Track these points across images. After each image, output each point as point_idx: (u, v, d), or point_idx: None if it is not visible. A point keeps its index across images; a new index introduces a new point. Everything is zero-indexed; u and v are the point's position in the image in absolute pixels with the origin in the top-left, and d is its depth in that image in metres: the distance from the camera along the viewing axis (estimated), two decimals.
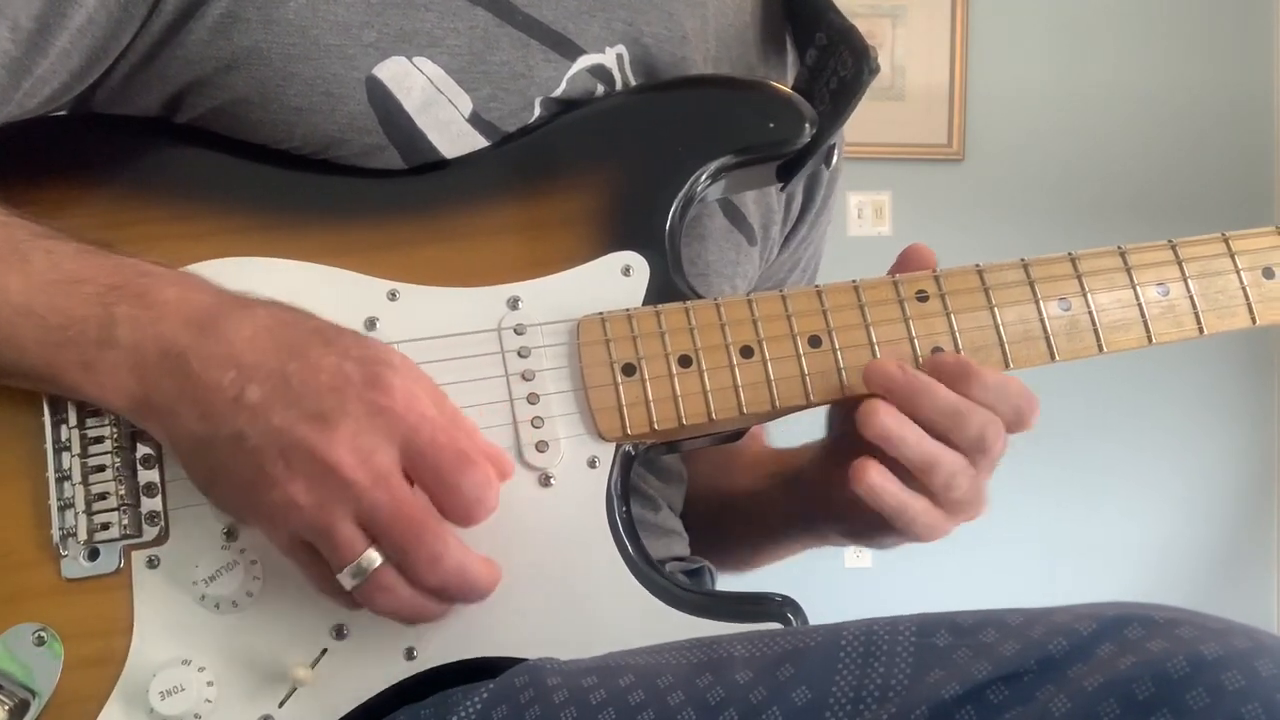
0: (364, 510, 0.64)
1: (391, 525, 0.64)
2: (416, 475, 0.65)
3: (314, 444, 0.64)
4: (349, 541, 0.64)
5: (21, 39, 0.71)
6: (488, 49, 0.78)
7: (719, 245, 0.89)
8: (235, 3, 0.73)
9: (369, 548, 0.64)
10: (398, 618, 0.67)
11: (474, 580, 0.67)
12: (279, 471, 0.64)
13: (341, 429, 0.64)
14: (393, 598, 0.65)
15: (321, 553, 0.65)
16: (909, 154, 3.37)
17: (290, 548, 0.66)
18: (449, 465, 0.65)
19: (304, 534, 0.65)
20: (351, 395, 0.65)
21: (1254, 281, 0.79)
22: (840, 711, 0.58)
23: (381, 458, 0.64)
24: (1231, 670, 0.51)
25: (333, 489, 0.63)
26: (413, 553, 0.64)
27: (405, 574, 0.65)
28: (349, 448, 0.64)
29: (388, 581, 0.65)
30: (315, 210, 0.76)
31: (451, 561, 0.65)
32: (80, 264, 0.69)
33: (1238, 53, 3.48)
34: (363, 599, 0.66)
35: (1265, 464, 3.51)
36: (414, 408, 0.65)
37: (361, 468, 0.64)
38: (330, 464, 0.63)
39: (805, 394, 0.75)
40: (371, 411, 0.64)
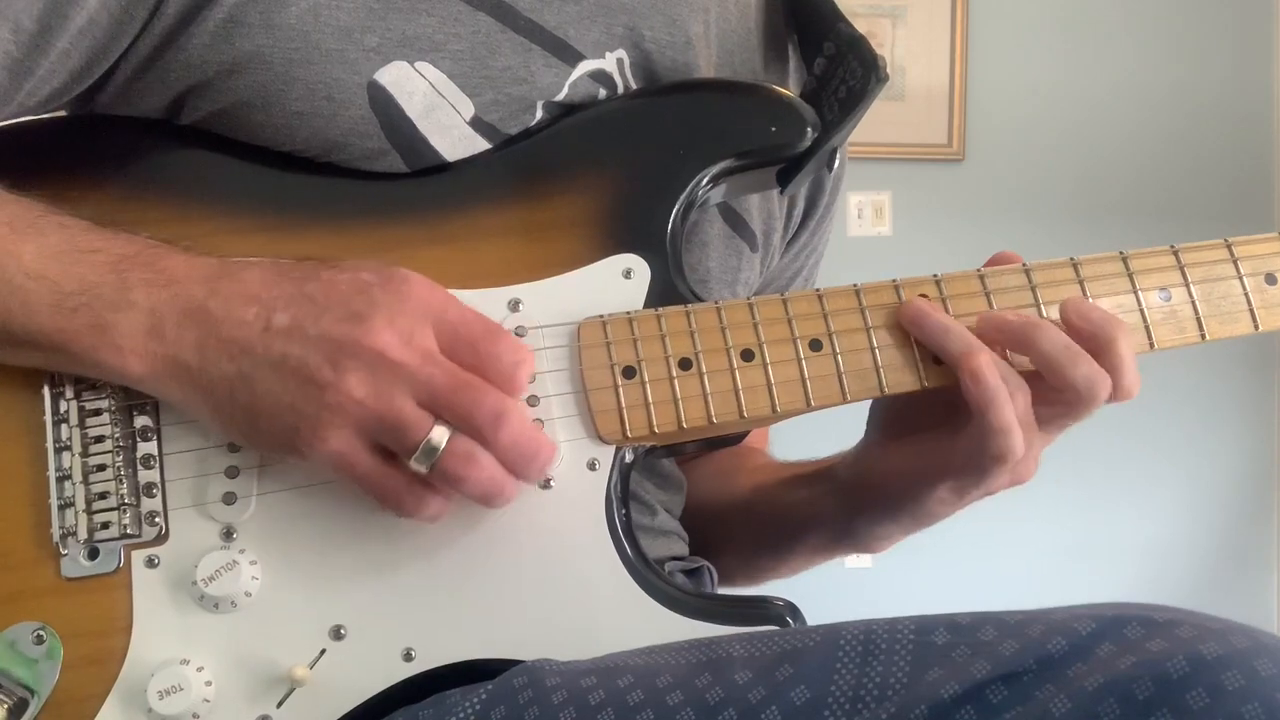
0: (420, 387, 0.65)
1: (451, 392, 0.65)
2: (454, 351, 0.67)
3: (356, 337, 0.65)
4: (416, 420, 0.65)
5: (23, 40, 0.71)
6: (489, 54, 0.78)
7: (720, 252, 0.89)
8: (237, 7, 0.73)
9: (435, 424, 0.65)
10: (479, 489, 0.67)
11: (539, 439, 0.68)
12: (328, 375, 0.65)
13: (377, 319, 0.65)
14: (472, 465, 0.66)
15: (389, 444, 0.66)
16: (909, 154, 3.37)
17: (350, 457, 0.66)
18: (483, 335, 0.67)
19: (367, 428, 0.65)
20: (375, 291, 0.66)
21: (1257, 287, 0.79)
22: (839, 710, 0.58)
23: (422, 337, 0.66)
24: (1231, 670, 0.51)
25: (386, 374, 0.65)
26: (478, 413, 0.65)
27: (476, 439, 0.66)
28: (390, 333, 0.65)
29: (464, 448, 0.66)
30: (317, 212, 0.76)
31: (515, 418, 0.66)
32: (92, 236, 0.69)
33: (1238, 53, 3.48)
34: (441, 477, 0.66)
35: (1265, 464, 3.51)
36: (435, 292, 0.68)
37: (407, 348, 0.65)
38: (377, 351, 0.65)
39: (805, 398, 0.75)
40: (398, 299, 0.66)
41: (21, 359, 0.71)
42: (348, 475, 0.67)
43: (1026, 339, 0.74)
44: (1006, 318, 0.75)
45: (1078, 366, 0.73)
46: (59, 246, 0.68)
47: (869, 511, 0.87)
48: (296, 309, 0.66)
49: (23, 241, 0.68)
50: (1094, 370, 0.73)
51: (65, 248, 0.68)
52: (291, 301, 0.67)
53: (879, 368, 0.75)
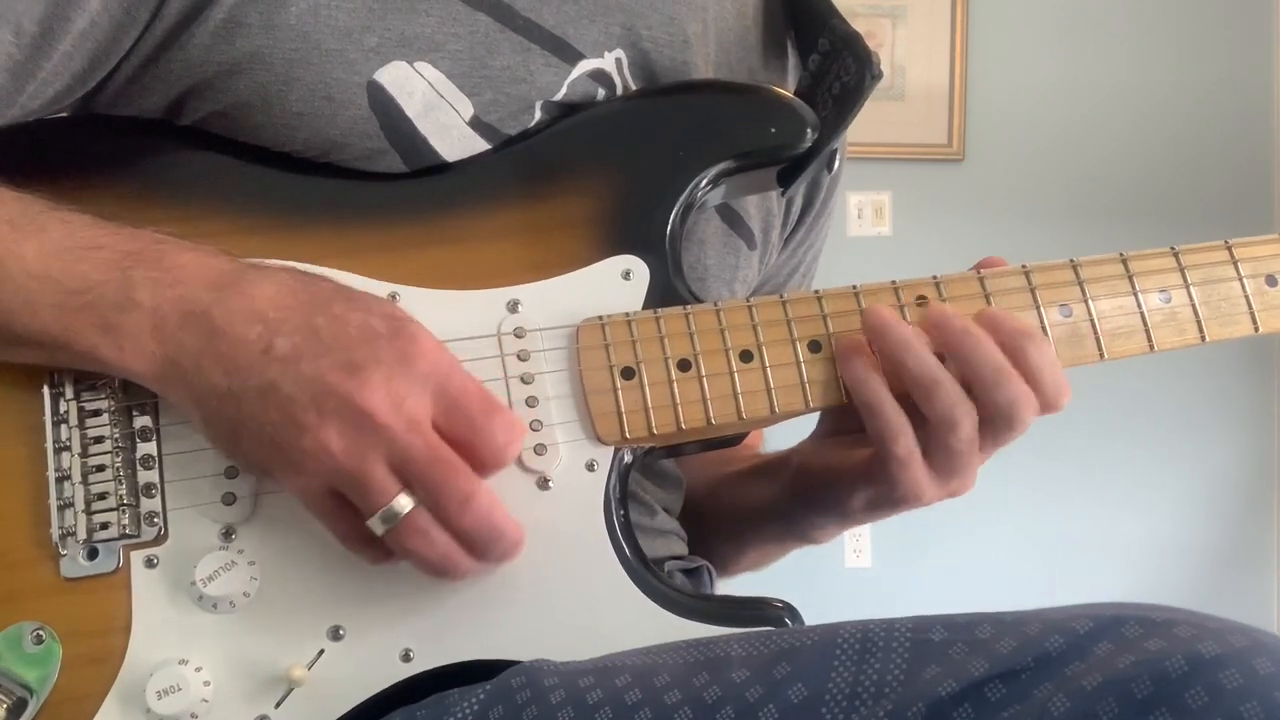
0: (397, 454, 0.64)
1: (425, 466, 0.65)
2: (448, 421, 0.66)
3: (348, 390, 0.64)
4: (382, 485, 0.65)
5: (25, 43, 0.71)
6: (488, 54, 0.78)
7: (717, 250, 0.89)
8: (237, 8, 0.73)
9: (401, 492, 0.65)
10: (428, 565, 0.67)
11: (503, 526, 0.67)
12: (310, 419, 0.64)
13: (374, 376, 0.64)
14: (425, 541, 0.66)
15: (352, 499, 0.65)
16: (909, 154, 3.37)
17: (318, 498, 0.66)
18: (480, 410, 0.67)
19: (335, 480, 0.65)
20: (382, 345, 0.66)
21: (1257, 289, 0.79)
22: (836, 708, 0.58)
23: (414, 404, 0.65)
24: (1230, 669, 0.51)
25: (366, 434, 0.64)
26: (446, 493, 0.65)
27: (437, 516, 0.66)
28: (383, 394, 0.64)
29: (421, 524, 0.65)
30: (316, 212, 0.76)
31: (482, 503, 0.66)
32: (96, 232, 0.69)
33: (1238, 53, 3.48)
34: (395, 544, 0.66)
35: (1265, 464, 3.51)
36: (442, 358, 0.67)
37: (395, 413, 0.64)
38: (365, 410, 0.64)
39: (804, 399, 0.75)
40: (402, 359, 0.65)
41: (24, 356, 0.71)
42: (317, 514, 0.67)
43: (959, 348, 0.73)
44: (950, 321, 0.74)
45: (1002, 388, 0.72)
46: (62, 244, 0.68)
47: (806, 502, 0.87)
48: (299, 340, 0.66)
49: (25, 239, 0.68)
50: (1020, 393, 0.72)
51: (68, 245, 0.68)
52: (296, 331, 0.66)
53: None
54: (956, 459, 0.74)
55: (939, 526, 0.89)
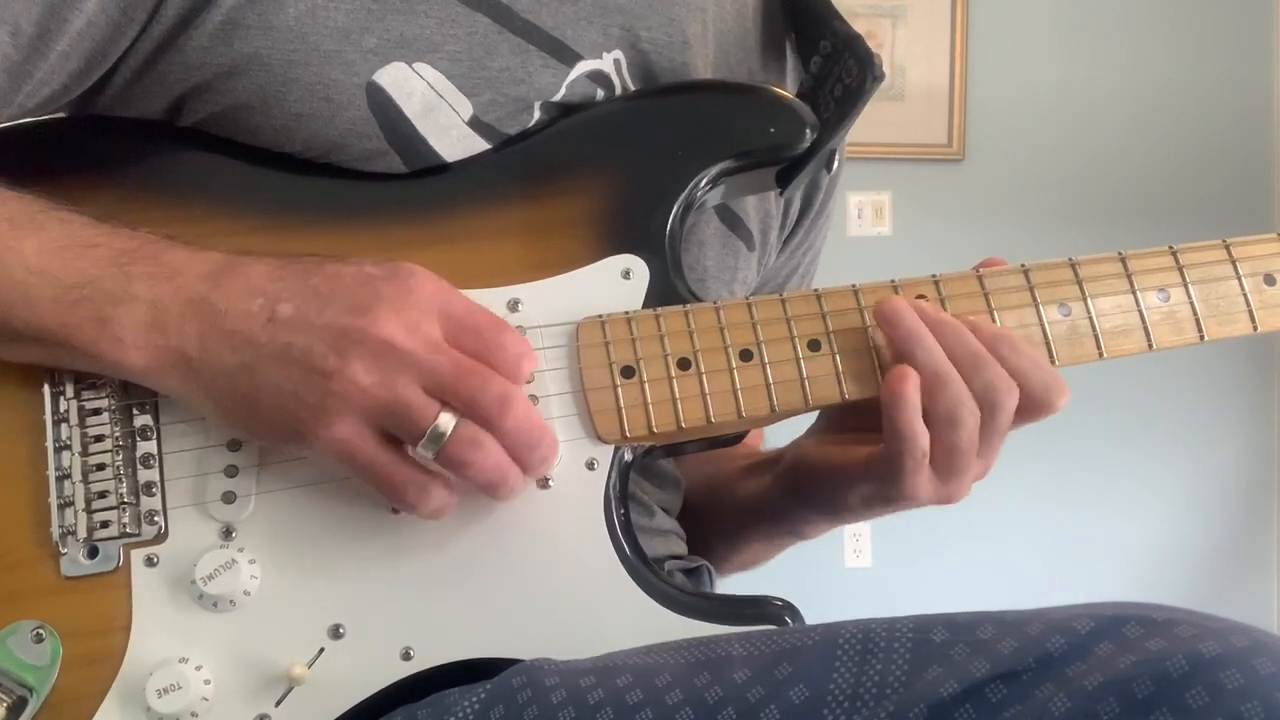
0: (426, 374, 0.65)
1: (457, 378, 0.65)
2: (459, 341, 0.67)
3: (361, 326, 0.65)
4: (422, 406, 0.65)
5: (22, 43, 0.71)
6: (487, 55, 0.78)
7: (716, 251, 0.90)
8: (236, 9, 0.73)
9: (441, 410, 0.65)
10: (483, 475, 0.67)
11: (542, 427, 0.68)
12: (333, 363, 0.65)
13: (382, 309, 0.66)
14: (478, 451, 0.66)
15: (394, 430, 0.66)
16: (909, 154, 3.37)
17: (354, 444, 0.66)
18: (487, 325, 0.68)
19: (373, 415, 0.65)
20: (379, 284, 0.67)
21: (1255, 288, 0.79)
22: (838, 709, 0.58)
23: (428, 328, 0.66)
24: (1230, 669, 0.51)
25: (392, 362, 0.65)
26: (484, 398, 0.66)
27: (481, 423, 0.66)
28: (396, 322, 0.65)
29: (470, 434, 0.66)
30: (316, 213, 0.76)
31: (521, 403, 0.67)
32: (94, 231, 0.69)
33: (1238, 53, 3.48)
34: (447, 462, 0.66)
35: (1265, 464, 3.51)
36: (440, 285, 0.68)
37: (413, 337, 0.65)
38: (383, 339, 0.65)
39: (804, 398, 0.75)
40: (403, 291, 0.67)
41: (22, 354, 0.71)
42: (351, 464, 0.67)
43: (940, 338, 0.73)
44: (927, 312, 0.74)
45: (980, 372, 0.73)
46: (60, 241, 0.68)
47: (799, 498, 0.87)
48: (301, 301, 0.66)
49: (24, 236, 0.68)
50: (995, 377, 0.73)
51: (66, 242, 0.68)
52: (296, 294, 0.67)
53: (877, 368, 0.76)
54: (957, 459, 0.74)
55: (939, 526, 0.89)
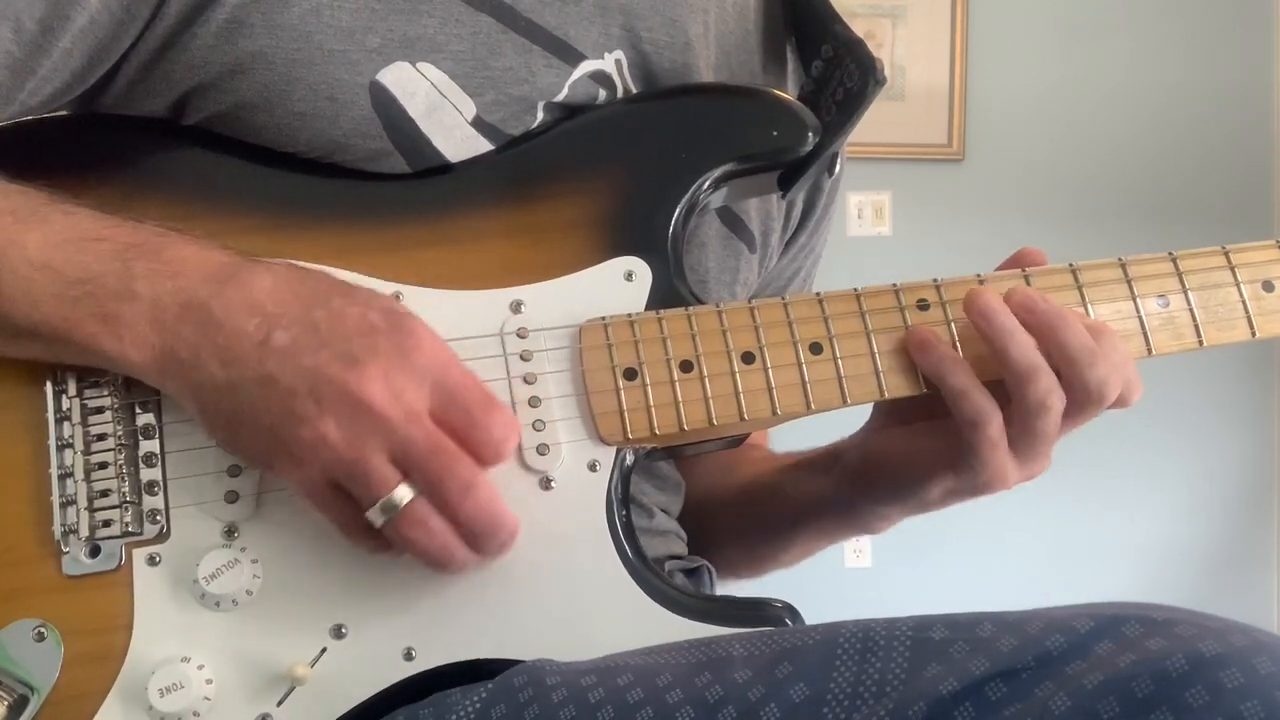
0: (397, 444, 0.65)
1: (426, 457, 0.65)
2: (445, 415, 0.66)
3: (347, 381, 0.64)
4: (382, 476, 0.65)
5: (25, 40, 0.71)
6: (490, 54, 0.78)
7: (718, 253, 0.90)
8: (240, 8, 0.73)
9: (401, 482, 0.65)
10: (426, 555, 0.67)
11: (501, 516, 0.67)
12: (309, 410, 0.64)
13: (373, 368, 0.65)
14: (424, 532, 0.66)
15: (352, 490, 0.66)
16: (909, 154, 3.37)
17: (317, 489, 0.66)
18: (478, 404, 0.67)
19: (335, 471, 0.65)
20: (380, 338, 0.66)
21: (1254, 294, 0.79)
22: (838, 708, 0.58)
23: (413, 395, 0.65)
24: (1230, 668, 0.52)
25: (365, 425, 0.64)
26: (446, 482, 0.65)
27: (438, 506, 0.66)
28: (381, 384, 0.65)
29: (420, 514, 0.66)
30: (320, 212, 0.76)
31: (483, 492, 0.66)
32: (98, 224, 0.69)
33: (1238, 53, 3.48)
34: (394, 534, 0.66)
35: (1265, 464, 3.51)
36: (441, 352, 0.67)
37: (394, 404, 0.65)
38: (364, 400, 0.64)
39: (806, 401, 0.75)
40: (401, 353, 0.66)
41: (23, 350, 0.71)
42: (311, 505, 0.68)
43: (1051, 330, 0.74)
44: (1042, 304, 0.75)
45: (1095, 368, 0.73)
46: (63, 235, 0.68)
47: (873, 493, 0.87)
48: (298, 333, 0.66)
49: (27, 230, 0.68)
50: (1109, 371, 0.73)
51: (70, 236, 0.68)
52: (294, 323, 0.66)
53: (879, 372, 0.76)
54: (1042, 443, 0.75)
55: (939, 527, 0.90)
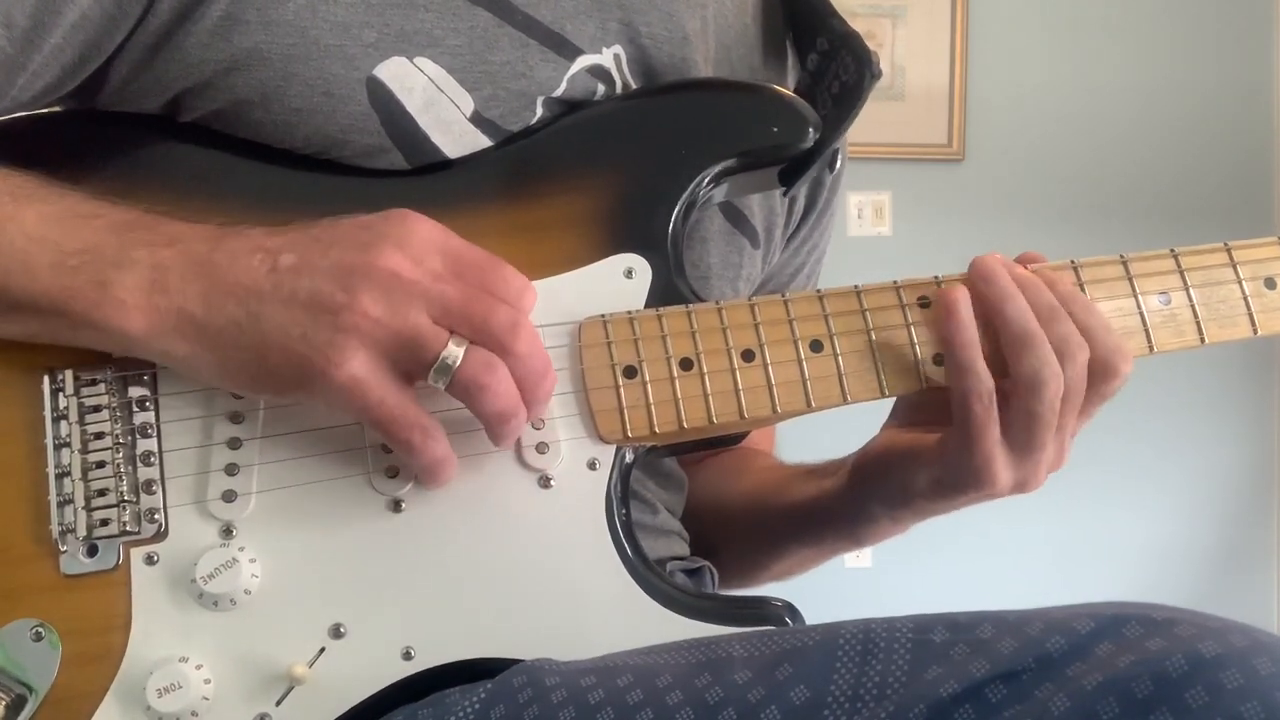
0: (435, 302, 0.66)
1: (466, 306, 0.66)
2: (462, 275, 0.68)
3: (367, 260, 0.66)
4: (433, 334, 0.66)
5: (16, 36, 0.71)
6: (488, 49, 0.78)
7: (720, 248, 0.90)
8: (234, 4, 0.73)
9: (450, 338, 0.66)
10: (494, 403, 0.67)
11: (546, 354, 0.69)
12: (342, 299, 0.65)
13: (386, 245, 0.66)
14: (491, 376, 0.66)
15: (404, 360, 0.66)
16: (909, 154, 3.37)
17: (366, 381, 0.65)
18: (488, 261, 0.68)
19: (384, 346, 0.65)
20: (380, 225, 0.68)
21: (1256, 291, 0.79)
22: (838, 710, 0.58)
23: (431, 261, 0.67)
24: (1230, 669, 0.51)
25: (400, 292, 0.65)
26: (493, 322, 0.66)
27: (491, 349, 0.67)
28: (400, 255, 0.66)
29: (483, 358, 0.66)
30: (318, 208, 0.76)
31: (529, 327, 0.68)
32: (94, 204, 0.70)
33: (1238, 53, 3.48)
34: (459, 390, 0.67)
35: (1265, 464, 3.51)
36: (437, 226, 0.69)
37: (418, 268, 0.66)
38: (390, 270, 0.65)
39: (806, 399, 0.75)
40: (404, 232, 0.67)
41: (21, 326, 0.70)
42: (361, 404, 0.66)
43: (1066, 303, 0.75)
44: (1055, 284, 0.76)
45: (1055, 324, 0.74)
46: (61, 212, 0.69)
47: (863, 490, 0.87)
48: (303, 249, 0.67)
49: (24, 207, 0.68)
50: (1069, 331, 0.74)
51: (67, 213, 0.69)
52: (297, 244, 0.67)
53: (879, 369, 0.76)
54: (1036, 428, 0.74)
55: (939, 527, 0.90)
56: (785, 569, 0.99)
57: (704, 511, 0.98)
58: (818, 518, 0.92)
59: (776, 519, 0.95)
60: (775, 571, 1.00)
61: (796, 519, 0.94)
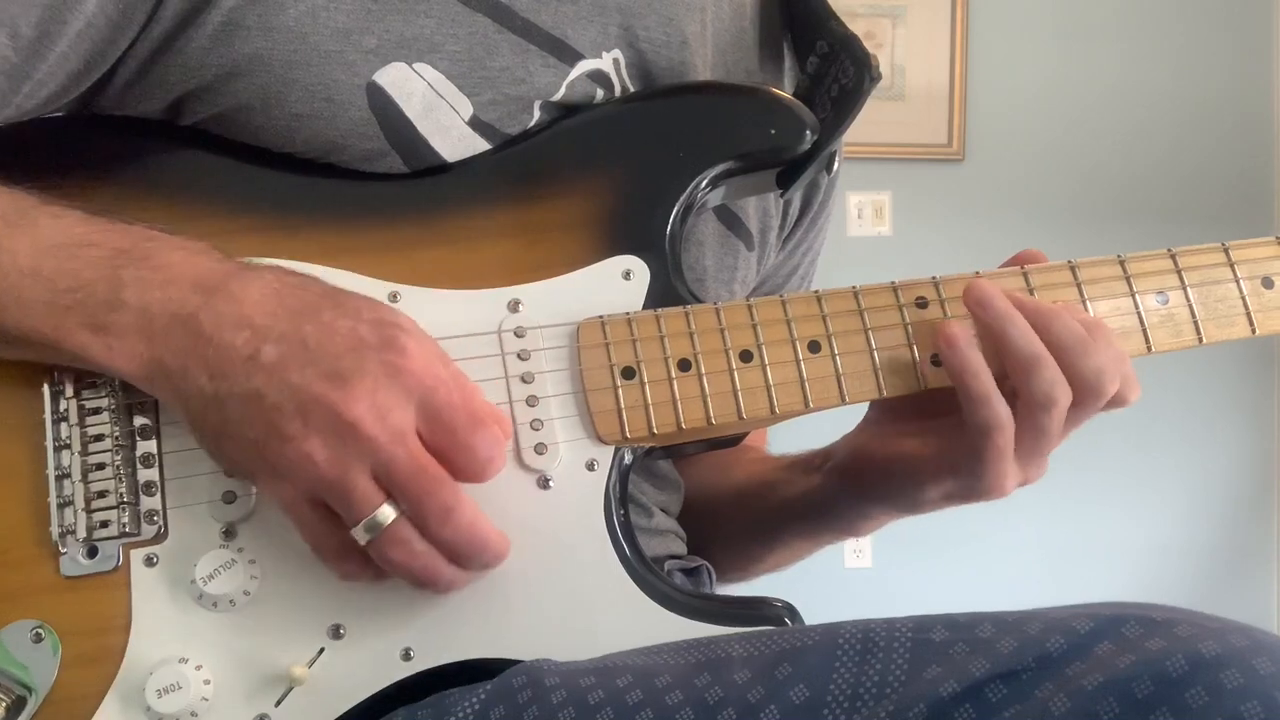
0: (380, 465, 0.65)
1: (408, 478, 0.65)
2: (431, 435, 0.66)
3: (333, 401, 0.64)
4: (366, 495, 0.65)
5: (22, 46, 0.71)
6: (487, 54, 0.78)
7: (715, 251, 0.90)
8: (235, 10, 0.73)
9: (385, 502, 0.65)
10: (410, 576, 0.67)
11: (485, 538, 0.67)
12: (296, 428, 0.64)
13: (360, 387, 0.65)
14: (406, 552, 0.66)
15: (336, 509, 0.66)
16: (909, 154, 3.37)
17: (299, 506, 0.66)
18: (464, 424, 0.66)
19: (319, 489, 0.65)
20: (369, 355, 0.66)
21: (1253, 291, 0.79)
22: (838, 709, 0.58)
23: (399, 416, 0.65)
24: (1230, 669, 0.52)
25: (350, 444, 0.64)
26: (428, 505, 0.65)
27: (419, 527, 0.66)
28: (367, 405, 0.64)
29: (403, 534, 0.66)
30: (317, 212, 0.76)
31: (465, 516, 0.66)
32: (87, 228, 0.69)
33: (1238, 53, 3.48)
34: (377, 554, 0.66)
35: (1265, 464, 3.51)
36: (429, 369, 0.67)
37: (379, 424, 0.64)
38: (349, 420, 0.64)
39: (804, 399, 0.75)
40: (389, 372, 0.65)
41: (17, 353, 0.71)
42: (295, 521, 0.68)
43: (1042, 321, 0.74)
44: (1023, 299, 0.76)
45: (1089, 356, 0.73)
46: (54, 240, 0.68)
47: (860, 491, 0.87)
48: (286, 349, 0.66)
49: (17, 236, 0.68)
50: (1106, 361, 0.73)
51: (60, 241, 0.68)
52: (283, 338, 0.66)
53: (877, 370, 0.76)
54: (1044, 441, 0.75)
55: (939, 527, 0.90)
56: (779, 560, 1.00)
57: (696, 506, 0.98)
58: (811, 514, 0.92)
59: (769, 514, 0.96)
60: (770, 564, 1.00)
61: (789, 514, 0.94)
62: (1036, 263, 0.79)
